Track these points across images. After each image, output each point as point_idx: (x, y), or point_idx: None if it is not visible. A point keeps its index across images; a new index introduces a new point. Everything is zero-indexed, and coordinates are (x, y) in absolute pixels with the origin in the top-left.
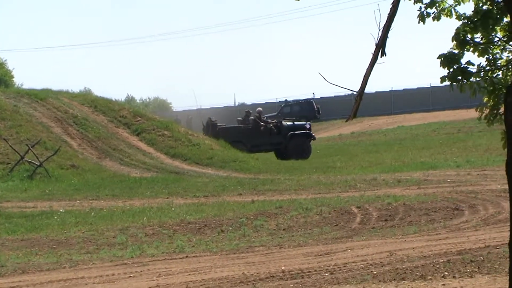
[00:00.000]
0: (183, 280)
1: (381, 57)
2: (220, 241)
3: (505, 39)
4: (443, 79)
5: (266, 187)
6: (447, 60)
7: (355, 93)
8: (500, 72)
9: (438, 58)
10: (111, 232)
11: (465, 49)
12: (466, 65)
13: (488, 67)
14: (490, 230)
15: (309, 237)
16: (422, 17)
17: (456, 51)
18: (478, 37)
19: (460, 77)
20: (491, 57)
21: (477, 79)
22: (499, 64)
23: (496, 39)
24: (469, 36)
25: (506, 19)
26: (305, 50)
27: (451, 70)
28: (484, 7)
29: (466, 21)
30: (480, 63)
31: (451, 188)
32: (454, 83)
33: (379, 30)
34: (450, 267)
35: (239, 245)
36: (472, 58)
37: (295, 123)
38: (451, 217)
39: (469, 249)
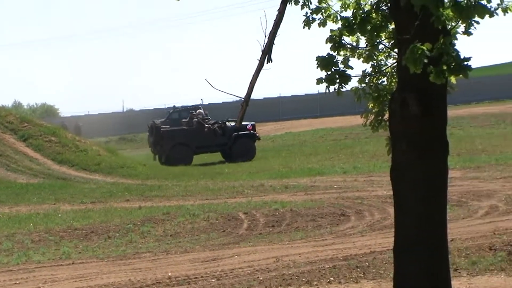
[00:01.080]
0: (69, 287)
1: (267, 63)
2: (107, 247)
3: (390, 45)
4: (319, 81)
5: (154, 193)
6: (324, 62)
7: (241, 99)
8: (385, 79)
9: (315, 60)
10: None
11: (341, 52)
12: (344, 69)
13: (373, 73)
14: (375, 235)
15: (196, 243)
16: (307, 23)
17: (335, 54)
18: (363, 42)
19: (338, 80)
20: (376, 64)
21: (362, 85)
22: (384, 71)
23: (381, 45)
24: (348, 39)
25: (391, 26)
26: (193, 56)
27: (329, 72)
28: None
29: (345, 24)
30: (365, 69)
31: (337, 194)
32: (331, 86)
33: (265, 36)
34: (336, 272)
35: (126, 251)
36: (357, 64)
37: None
38: (338, 223)
39: (355, 255)
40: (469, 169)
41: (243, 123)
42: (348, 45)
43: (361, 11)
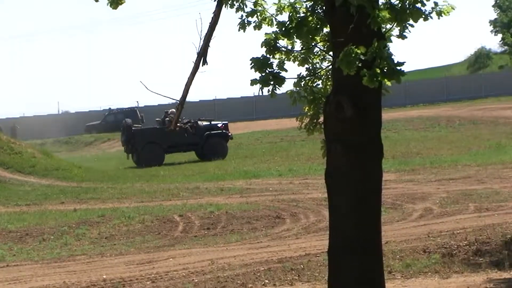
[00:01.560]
0: None
1: (202, 65)
2: (42, 249)
3: (325, 49)
4: (253, 82)
5: (89, 196)
6: (259, 64)
7: (177, 101)
8: (320, 82)
9: (250, 61)
10: None
11: (276, 56)
12: (278, 71)
13: (308, 77)
14: (310, 238)
15: (131, 246)
16: (243, 26)
17: (270, 57)
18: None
19: (272, 82)
20: (311, 67)
21: (298, 88)
22: (319, 74)
23: (316, 49)
24: (283, 42)
25: (326, 29)
26: (129, 58)
27: (263, 74)
28: (302, 14)
29: (281, 27)
30: (301, 73)
31: (273, 197)
32: (265, 88)
33: (201, 39)
34: (270, 275)
35: (60, 253)
36: (292, 67)
37: (212, 123)
38: (273, 226)
39: (290, 257)
40: (404, 172)
41: (214, 122)
42: (283, 49)
43: (296, 15)
